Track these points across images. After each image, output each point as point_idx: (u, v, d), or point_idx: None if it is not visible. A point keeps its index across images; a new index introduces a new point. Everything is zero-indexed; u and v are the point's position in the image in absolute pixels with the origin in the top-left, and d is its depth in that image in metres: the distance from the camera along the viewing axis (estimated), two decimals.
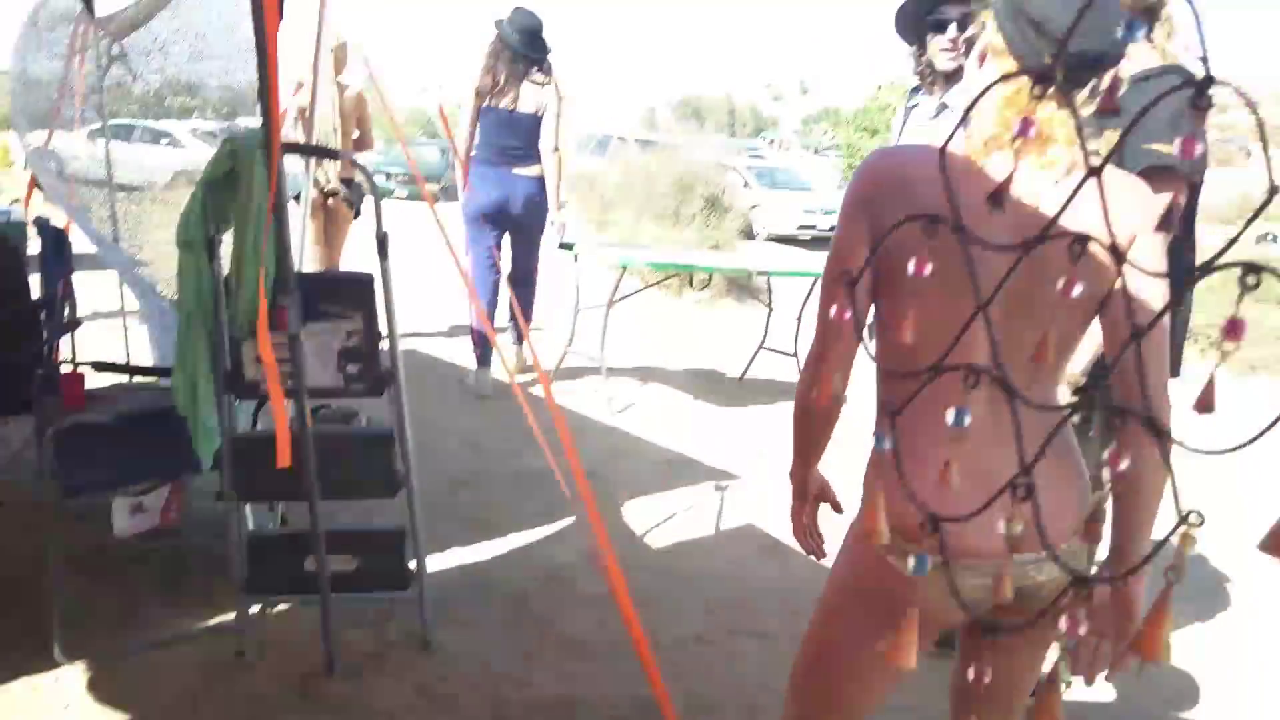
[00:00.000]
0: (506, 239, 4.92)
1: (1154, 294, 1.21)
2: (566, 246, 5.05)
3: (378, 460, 2.51)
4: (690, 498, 3.90)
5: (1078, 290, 0.68)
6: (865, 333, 1.26)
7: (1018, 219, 1.11)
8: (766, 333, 5.96)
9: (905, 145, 1.33)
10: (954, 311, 0.96)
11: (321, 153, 4.53)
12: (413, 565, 2.57)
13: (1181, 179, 1.95)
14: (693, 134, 20.93)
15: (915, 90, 2.82)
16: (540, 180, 4.70)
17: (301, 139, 4.32)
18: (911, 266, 0.76)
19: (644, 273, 6.57)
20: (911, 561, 0.76)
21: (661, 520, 3.66)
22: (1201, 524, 0.50)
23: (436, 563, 3.00)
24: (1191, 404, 0.55)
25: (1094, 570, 1.85)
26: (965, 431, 0.73)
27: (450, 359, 5.58)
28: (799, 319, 5.61)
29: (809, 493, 1.58)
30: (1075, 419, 2.03)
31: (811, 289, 5.29)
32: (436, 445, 4.03)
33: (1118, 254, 0.63)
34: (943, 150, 0.80)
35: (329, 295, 2.39)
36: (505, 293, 4.54)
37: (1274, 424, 0.47)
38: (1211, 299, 10.11)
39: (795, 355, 5.70)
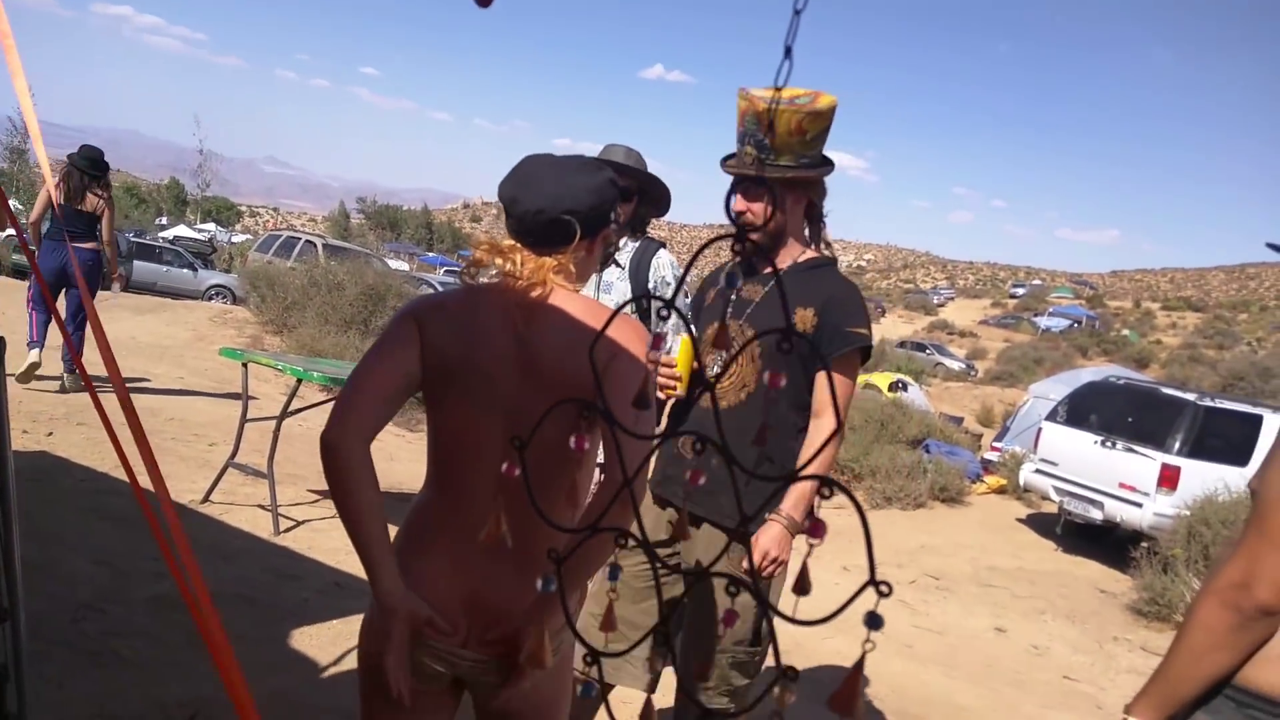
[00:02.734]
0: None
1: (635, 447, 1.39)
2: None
3: None
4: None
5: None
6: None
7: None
8: None
9: (449, 289, 1.65)
10: (474, 423, 1.54)
11: None
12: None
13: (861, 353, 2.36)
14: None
15: None
16: (93, 251, 6.66)
17: None
18: (572, 442, 0.76)
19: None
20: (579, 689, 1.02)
21: (331, 648, 3.38)
22: (795, 679, 0.54)
23: (47, 704, 2.54)
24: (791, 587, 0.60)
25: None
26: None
27: (86, 462, 4.88)
28: None
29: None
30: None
31: None
32: (60, 565, 3.48)
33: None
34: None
35: None
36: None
37: (855, 597, 0.51)
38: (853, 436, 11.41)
39: None
